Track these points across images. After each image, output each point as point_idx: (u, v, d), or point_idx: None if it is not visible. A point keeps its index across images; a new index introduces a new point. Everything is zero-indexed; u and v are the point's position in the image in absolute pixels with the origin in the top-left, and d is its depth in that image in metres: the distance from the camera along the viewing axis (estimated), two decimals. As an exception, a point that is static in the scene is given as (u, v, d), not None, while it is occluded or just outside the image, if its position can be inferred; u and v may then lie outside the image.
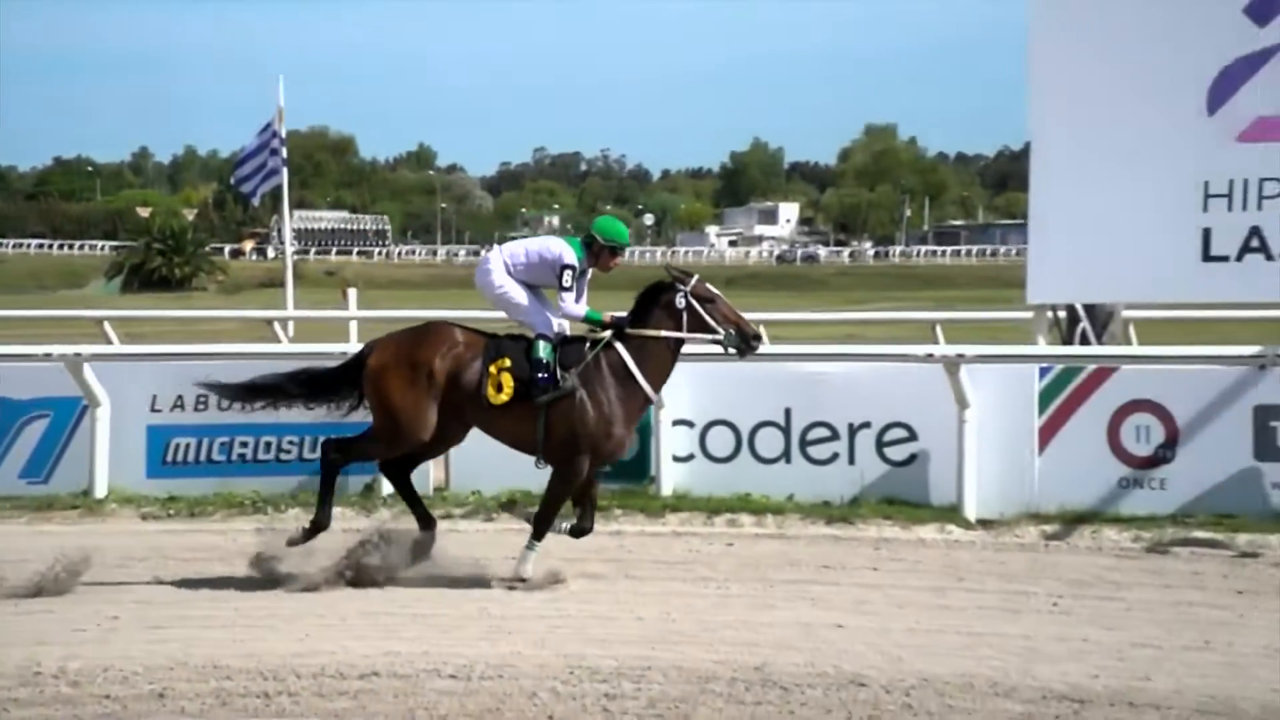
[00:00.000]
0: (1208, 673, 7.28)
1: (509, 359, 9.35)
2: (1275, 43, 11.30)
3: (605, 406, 9.35)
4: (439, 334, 9.66)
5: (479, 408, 9.42)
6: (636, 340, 9.47)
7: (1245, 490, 10.90)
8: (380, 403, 9.54)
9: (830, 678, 7.26)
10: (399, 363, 9.49)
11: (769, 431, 11.96)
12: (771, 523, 11.35)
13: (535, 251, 9.67)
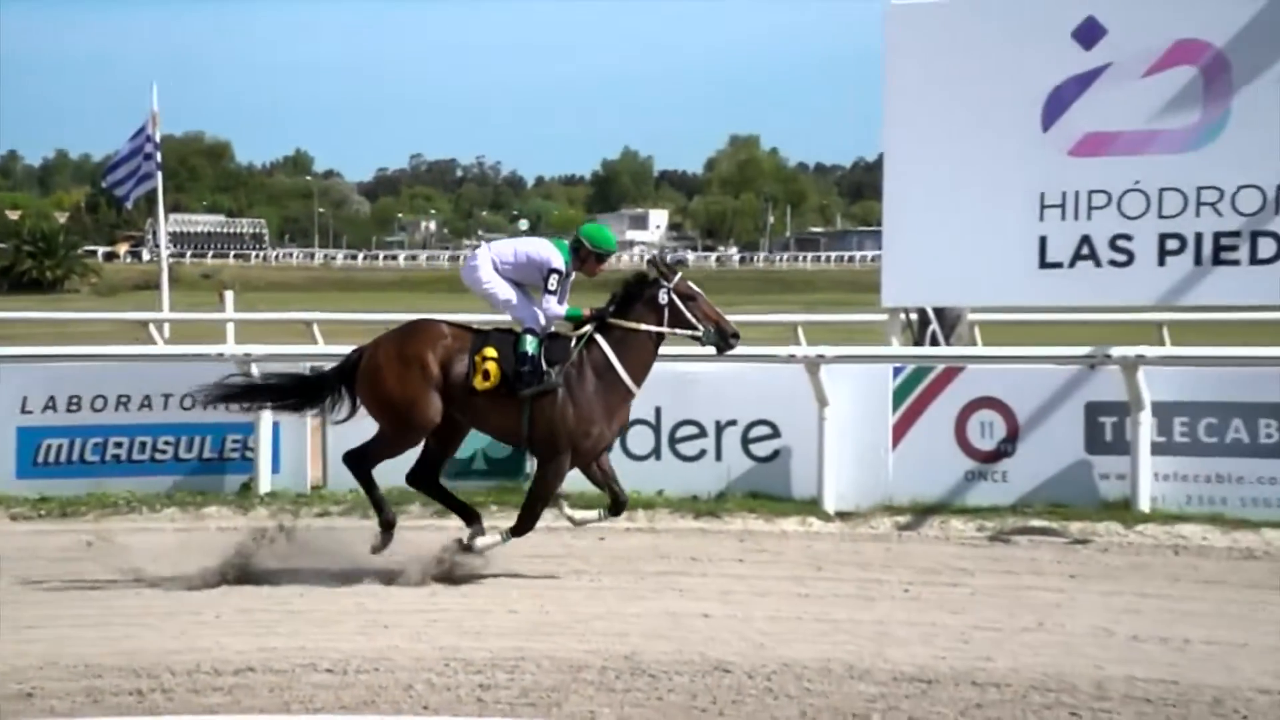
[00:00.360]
0: (1042, 652, 7.47)
1: (496, 350, 9.34)
2: (1101, 64, 11.59)
3: (585, 405, 9.33)
4: (427, 329, 9.62)
5: (467, 398, 9.37)
6: (618, 333, 9.45)
7: (1077, 481, 11.15)
8: (378, 402, 9.53)
9: (696, 665, 7.33)
10: (390, 360, 9.45)
11: (640, 429, 11.95)
12: (642, 517, 11.35)
13: (524, 253, 9.67)
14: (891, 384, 11.72)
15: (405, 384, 9.33)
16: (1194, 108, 11.43)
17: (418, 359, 9.33)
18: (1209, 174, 11.39)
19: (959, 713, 6.61)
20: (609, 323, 9.46)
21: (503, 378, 9.28)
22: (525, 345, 9.33)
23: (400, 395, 9.34)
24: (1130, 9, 11.67)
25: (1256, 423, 10.78)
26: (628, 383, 9.42)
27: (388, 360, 9.45)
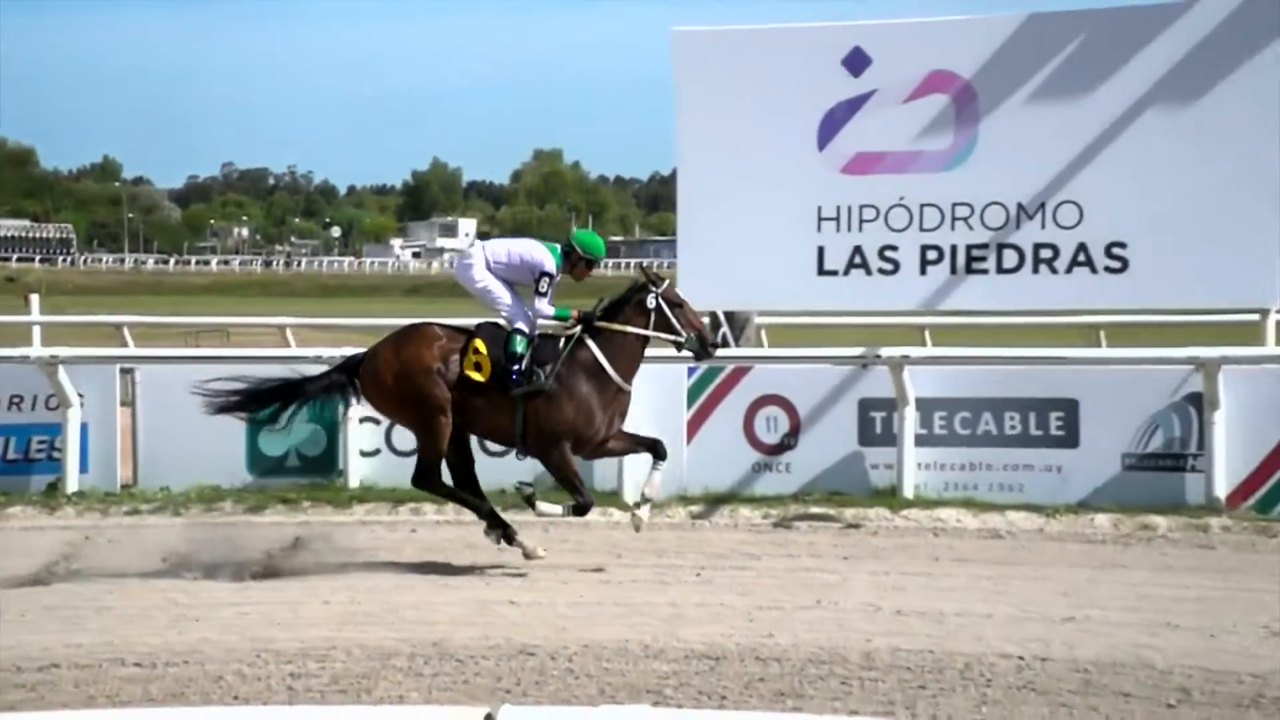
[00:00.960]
0: (819, 628, 7.71)
1: (484, 343, 9.28)
2: (868, 90, 11.85)
3: (577, 402, 9.29)
4: (424, 332, 9.55)
5: (461, 400, 9.29)
6: (606, 334, 9.43)
7: (851, 471, 11.49)
8: (392, 404, 9.50)
9: (503, 649, 7.39)
10: (389, 364, 9.38)
11: None
12: (451, 511, 11.16)
13: (518, 254, 9.62)
14: (686, 383, 11.89)
15: (408, 381, 9.28)
16: (947, 132, 11.77)
17: (415, 358, 9.29)
18: (961, 192, 11.73)
19: (744, 686, 6.79)
20: (596, 325, 9.45)
21: (494, 370, 9.25)
22: (515, 345, 9.31)
23: (407, 393, 9.30)
24: (891, 41, 11.97)
25: (1003, 416, 11.29)
26: (617, 380, 9.39)
27: (387, 365, 9.40)
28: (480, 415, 9.43)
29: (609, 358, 9.37)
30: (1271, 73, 11.20)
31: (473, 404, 9.33)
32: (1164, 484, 10.89)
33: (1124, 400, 11.04)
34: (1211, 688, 6.60)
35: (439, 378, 9.28)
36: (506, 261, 9.60)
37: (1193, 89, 11.21)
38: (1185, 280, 11.39)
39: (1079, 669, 6.88)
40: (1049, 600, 8.26)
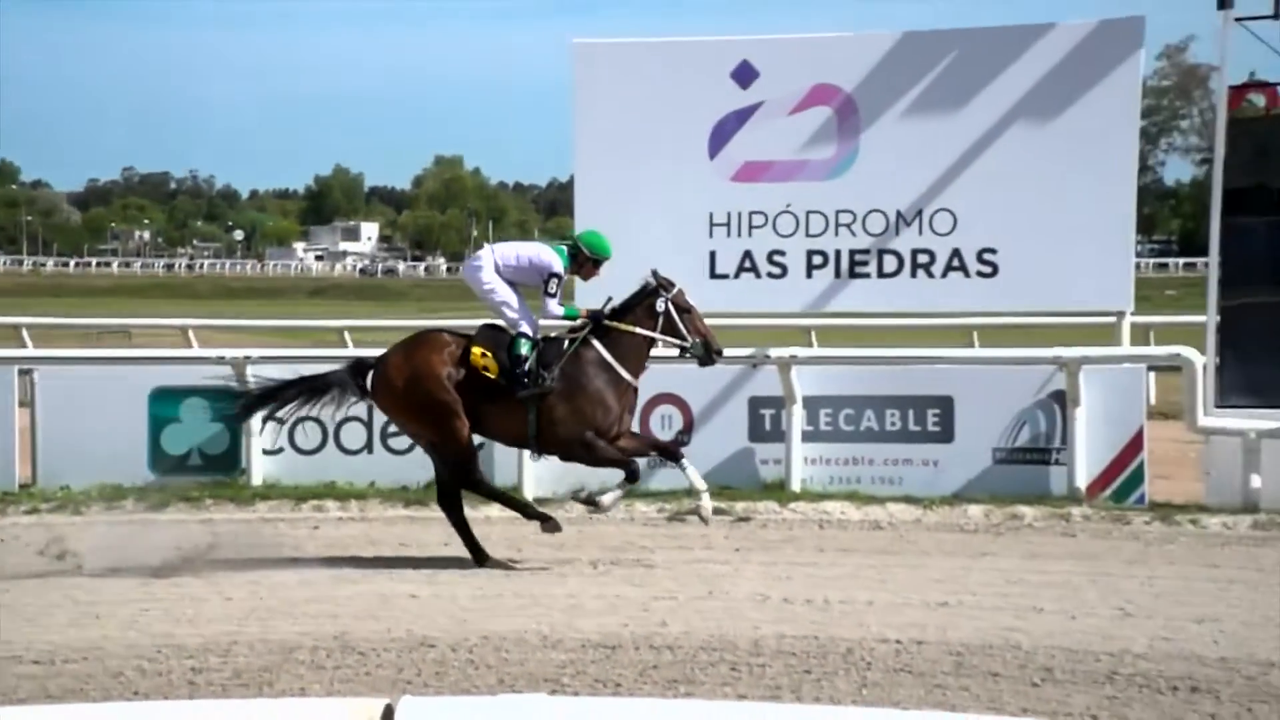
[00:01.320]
0: (710, 617, 7.78)
1: (491, 346, 9.14)
2: (756, 102, 11.99)
3: (594, 394, 9.17)
4: (433, 338, 9.43)
5: (473, 405, 9.15)
6: (614, 334, 9.30)
7: (742, 466, 11.63)
8: (408, 412, 9.30)
9: (404, 641, 7.34)
10: (400, 371, 9.21)
11: (353, 426, 11.90)
12: (355, 507, 11.29)
13: (526, 257, 9.49)
14: (583, 383, 12.00)
15: (418, 388, 9.13)
16: (831, 142, 11.94)
17: (426, 364, 9.15)
18: (845, 200, 11.90)
19: (638, 674, 6.82)
20: (604, 324, 9.34)
21: (500, 371, 9.11)
22: (519, 348, 9.19)
23: (419, 398, 9.15)
24: (777, 55, 12.09)
25: (884, 413, 11.50)
26: (625, 376, 9.30)
27: (398, 372, 9.23)
28: (492, 419, 9.32)
29: (616, 357, 9.28)
30: (1125, 93, 11.54)
31: (484, 408, 9.21)
32: (1030, 476, 11.16)
33: (995, 398, 11.31)
34: (1072, 666, 6.78)
35: (449, 383, 9.13)
36: (515, 264, 9.48)
37: (1054, 106, 11.50)
38: (1050, 285, 11.67)
39: (952, 651, 7.03)
40: (925, 587, 8.43)
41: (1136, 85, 11.79)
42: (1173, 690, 6.43)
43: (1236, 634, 7.29)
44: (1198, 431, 11.16)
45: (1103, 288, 11.58)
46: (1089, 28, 11.49)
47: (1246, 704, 6.27)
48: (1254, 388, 11.18)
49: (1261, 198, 11.45)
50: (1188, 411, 11.13)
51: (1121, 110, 11.48)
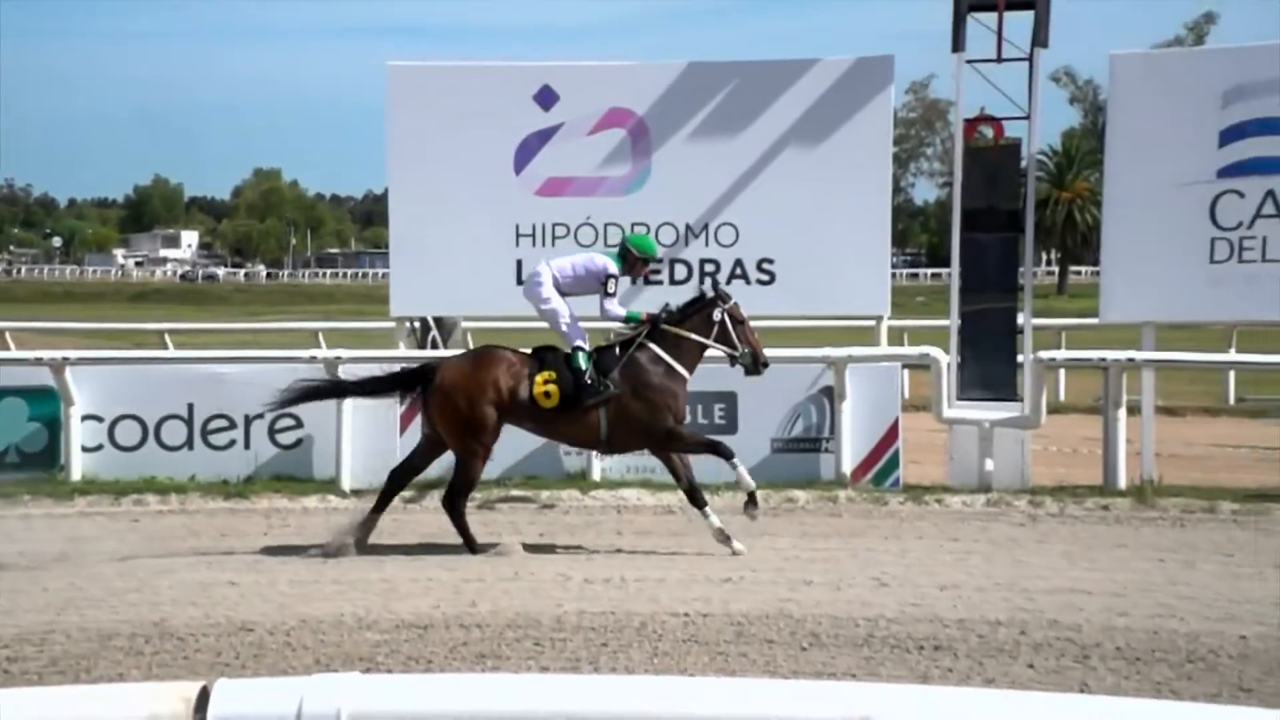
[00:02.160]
0: (517, 597, 7.77)
1: (553, 371, 8.86)
2: (557, 123, 12.01)
3: (661, 388, 8.99)
4: (497, 356, 9.06)
5: (536, 415, 8.94)
6: (671, 337, 9.10)
7: (546, 458, 11.55)
8: (456, 423, 8.92)
9: (223, 626, 7.14)
10: (461, 385, 8.89)
11: (173, 423, 11.63)
12: (175, 501, 10.94)
13: (581, 265, 9.26)
14: (398, 381, 11.85)
15: (480, 408, 8.87)
16: (626, 161, 12.04)
17: (494, 384, 8.87)
18: (639, 213, 11.98)
19: (449, 651, 6.78)
20: (661, 328, 9.16)
21: (562, 396, 8.88)
22: (578, 361, 8.99)
23: (470, 416, 8.87)
24: (576, 80, 12.14)
25: (712, 407, 11.58)
26: (682, 372, 9.14)
27: (460, 385, 8.92)
28: (560, 426, 9.20)
29: (674, 357, 9.17)
30: (879, 122, 11.93)
31: (552, 417, 9.03)
32: (803, 463, 11.44)
33: (772, 393, 11.46)
34: (836, 632, 6.97)
35: (500, 405, 8.95)
36: (573, 275, 9.33)
37: (821, 132, 11.79)
38: (819, 291, 11.96)
39: (734, 622, 7.14)
40: (711, 565, 8.55)
41: (888, 116, 12.18)
42: (919, 649, 6.68)
43: (972, 599, 7.58)
44: (943, 422, 11.58)
45: (864, 294, 11.95)
46: (847, 64, 11.84)
47: (979, 659, 6.54)
48: (988, 383, 11.68)
49: (993, 217, 11.89)
50: (935, 404, 11.52)
51: (876, 137, 11.87)
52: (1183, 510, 10.25)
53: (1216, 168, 11.27)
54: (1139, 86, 11.55)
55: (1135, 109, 11.50)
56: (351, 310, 40.39)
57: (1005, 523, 10.01)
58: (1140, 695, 5.92)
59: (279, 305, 53.40)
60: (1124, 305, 11.78)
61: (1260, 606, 7.38)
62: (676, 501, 10.70)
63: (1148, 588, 7.84)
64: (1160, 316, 11.88)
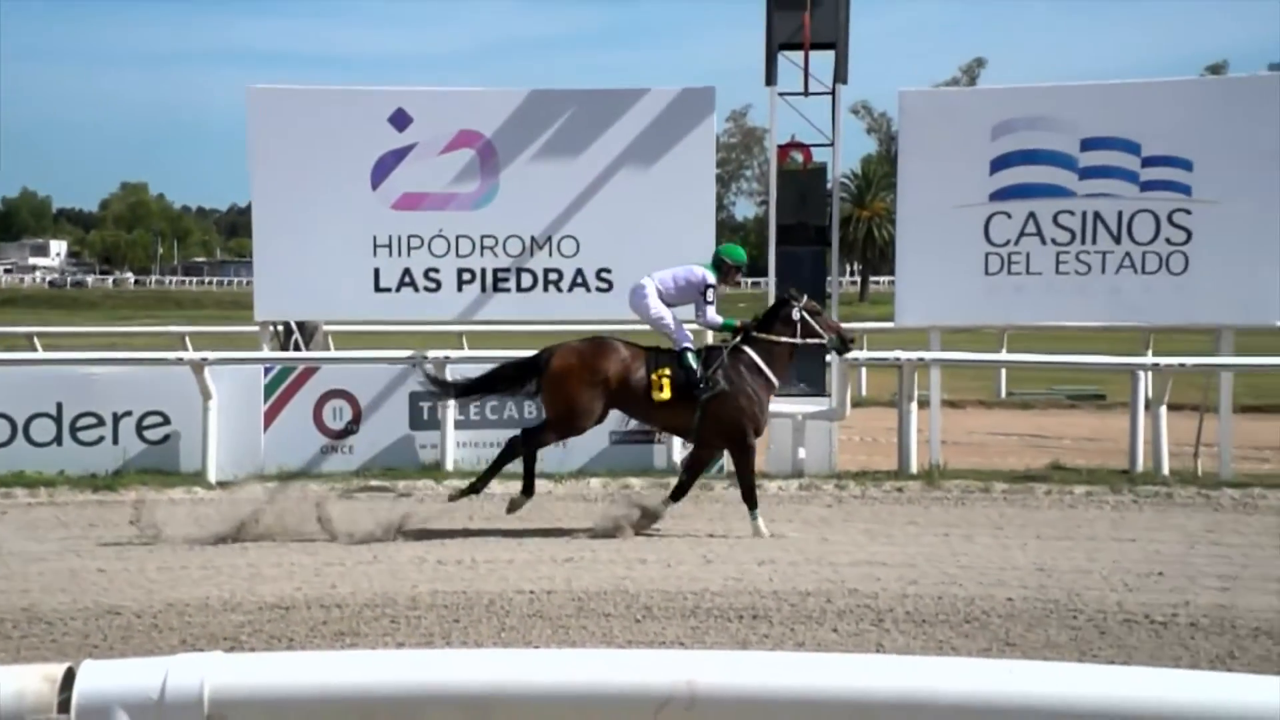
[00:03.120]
0: (376, 579, 7.65)
1: (668, 368, 8.70)
2: (411, 143, 11.82)
3: (753, 396, 8.81)
4: (610, 347, 8.84)
5: (644, 404, 8.77)
6: (763, 343, 8.93)
7: (403, 450, 11.52)
8: (560, 400, 8.69)
9: (91, 610, 6.90)
10: (576, 370, 8.67)
11: (42, 421, 11.18)
12: (44, 494, 10.48)
13: (682, 277, 9.08)
14: (263, 380, 11.57)
15: (585, 392, 8.68)
16: (475, 178, 11.90)
17: (604, 372, 8.66)
18: (488, 226, 11.89)
19: (309, 629, 6.64)
20: (753, 335, 9.00)
21: (674, 389, 8.74)
22: (688, 361, 8.91)
23: (579, 400, 8.68)
24: (428, 104, 11.97)
25: (523, 403, 11.41)
26: (772, 378, 9.05)
27: (575, 370, 8.72)
28: (662, 414, 9.11)
29: (766, 362, 9.07)
30: (703, 146, 12.06)
31: (657, 407, 8.97)
32: (639, 454, 11.51)
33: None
34: (667, 605, 7.03)
35: (607, 390, 8.86)
36: (674, 286, 9.19)
37: (652, 154, 11.86)
38: (652, 298, 12.07)
39: (575, 598, 7.15)
40: (556, 547, 8.53)
41: (711, 140, 12.33)
42: (739, 618, 6.78)
43: (786, 572, 7.73)
44: (762, 415, 11.78)
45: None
46: (674, 93, 11.95)
47: (791, 625, 6.67)
48: (800, 380, 11.91)
49: (804, 232, 12.16)
50: (755, 399, 11.71)
51: (701, 160, 12.01)
52: (963, 490, 10.62)
53: (988, 192, 11.70)
54: (924, 119, 11.92)
55: (921, 139, 11.86)
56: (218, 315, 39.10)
57: (815, 504, 10.22)
58: (925, 653, 6.12)
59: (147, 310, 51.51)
60: (915, 311, 12.14)
61: (1024, 572, 7.71)
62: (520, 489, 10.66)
63: (934, 559, 8.10)
64: (945, 321, 12.29)
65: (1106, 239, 11.54)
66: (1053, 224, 11.61)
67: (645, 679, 2.40)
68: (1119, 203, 11.48)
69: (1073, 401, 17.53)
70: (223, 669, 2.40)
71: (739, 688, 2.39)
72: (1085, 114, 11.50)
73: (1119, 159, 11.46)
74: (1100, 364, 13.23)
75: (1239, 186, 11.23)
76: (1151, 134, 11.39)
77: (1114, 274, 11.51)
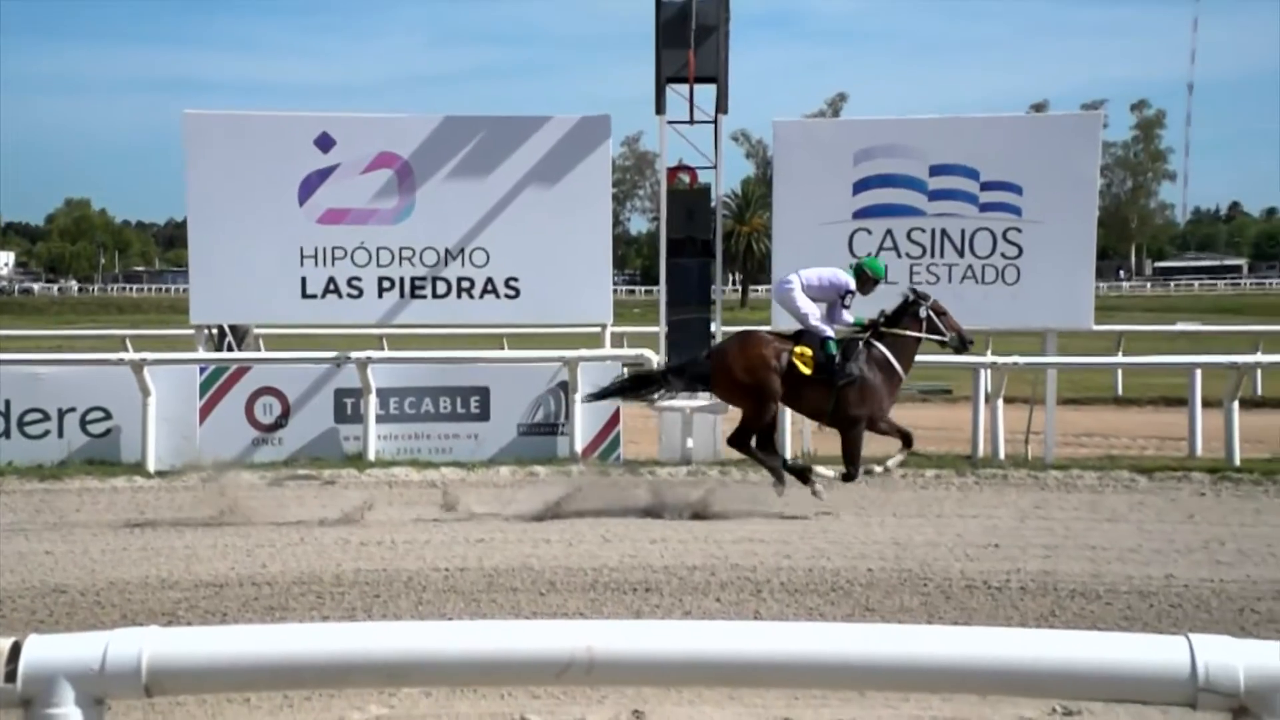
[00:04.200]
0: (303, 559, 7.51)
1: (809, 348, 8.55)
2: (335, 164, 11.65)
3: (879, 387, 8.65)
4: (761, 336, 8.99)
5: (792, 382, 8.76)
6: (890, 337, 8.89)
7: (329, 442, 11.33)
8: (741, 390, 8.55)
9: (38, 589, 6.71)
10: (737, 360, 8.55)
11: None
12: None
13: (826, 278, 8.87)
14: (199, 379, 11.33)
15: (753, 373, 8.52)
16: (394, 196, 11.73)
17: (760, 355, 8.53)
18: (406, 239, 11.75)
19: (241, 605, 6.50)
20: (882, 330, 8.82)
21: (816, 365, 8.70)
22: (830, 348, 8.82)
23: (752, 382, 8.51)
24: (350, 128, 11.79)
25: (438, 399, 11.49)
26: (900, 372, 8.95)
27: (735, 362, 8.59)
28: (804, 398, 8.96)
29: (894, 355, 8.92)
30: (600, 168, 12.04)
31: (800, 390, 8.86)
32: (544, 444, 11.46)
33: (519, 387, 11.53)
34: (569, 580, 7.01)
35: (774, 372, 8.76)
36: (818, 284, 9.01)
37: (555, 175, 11.82)
38: (556, 304, 11.96)
39: (486, 575, 7.09)
40: (469, 529, 8.44)
41: (608, 163, 12.30)
42: (634, 591, 6.78)
43: (676, 549, 7.75)
44: (654, 409, 11.76)
45: (591, 306, 12.05)
46: (574, 121, 11.93)
47: (679, 596, 6.70)
48: (689, 378, 11.96)
49: (691, 246, 12.26)
50: (648, 395, 11.75)
51: (598, 180, 12.00)
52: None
53: (851, 211, 11.89)
54: (795, 146, 12.08)
55: (793, 164, 12.01)
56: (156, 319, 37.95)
57: (701, 488, 10.30)
58: (797, 619, 6.20)
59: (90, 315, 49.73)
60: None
61: (882, 546, 7.85)
62: (439, 477, 10.58)
63: (805, 536, 8.19)
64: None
65: (952, 253, 11.83)
66: (907, 240, 11.87)
67: (548, 646, 2.39)
68: (962, 222, 11.77)
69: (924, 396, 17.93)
70: (160, 641, 2.35)
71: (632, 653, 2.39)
72: (933, 143, 11.77)
73: (962, 183, 11.75)
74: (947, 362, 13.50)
75: (1060, 208, 11.60)
76: (988, 162, 11.71)
77: (959, 283, 11.80)
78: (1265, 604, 6.44)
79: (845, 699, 4.79)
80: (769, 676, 2.48)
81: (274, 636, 2.48)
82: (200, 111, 11.97)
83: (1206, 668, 2.23)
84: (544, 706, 4.82)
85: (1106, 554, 7.58)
